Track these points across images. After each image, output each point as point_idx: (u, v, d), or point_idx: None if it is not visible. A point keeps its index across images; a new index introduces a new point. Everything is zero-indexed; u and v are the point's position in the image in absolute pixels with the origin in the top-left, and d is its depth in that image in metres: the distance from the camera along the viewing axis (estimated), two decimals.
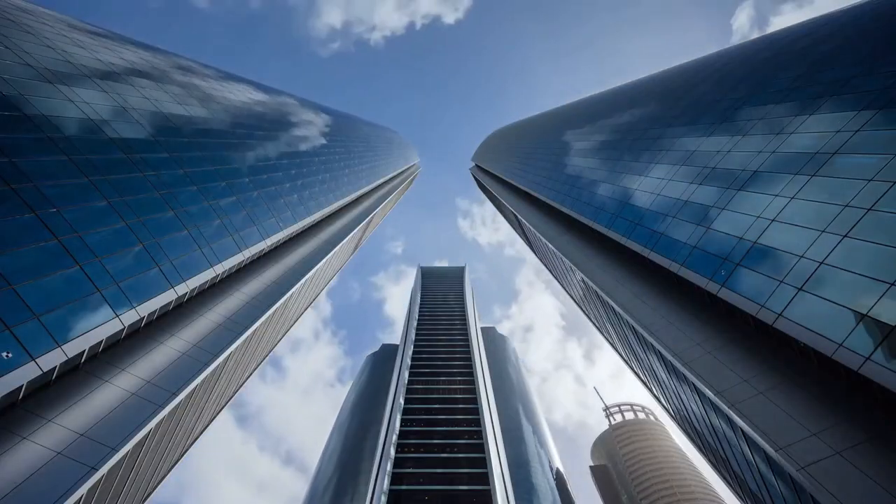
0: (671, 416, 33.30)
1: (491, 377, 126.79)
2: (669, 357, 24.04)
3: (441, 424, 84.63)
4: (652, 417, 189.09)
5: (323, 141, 73.41)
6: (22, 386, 16.02)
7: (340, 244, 52.75)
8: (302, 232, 48.73)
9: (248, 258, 34.41)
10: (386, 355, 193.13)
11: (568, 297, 59.19)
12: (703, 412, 23.75)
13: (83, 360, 19.31)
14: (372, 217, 79.48)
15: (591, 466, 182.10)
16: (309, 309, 54.62)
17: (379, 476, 71.22)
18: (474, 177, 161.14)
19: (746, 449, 19.51)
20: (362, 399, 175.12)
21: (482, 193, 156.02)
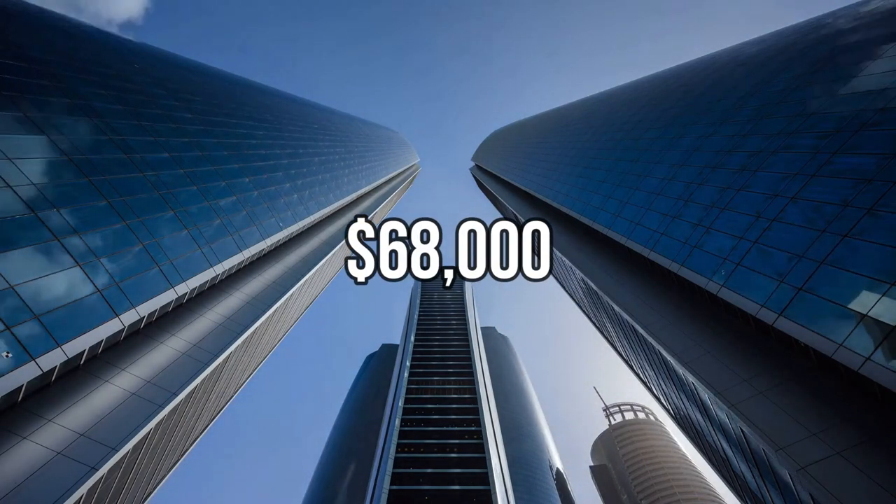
0: (671, 416, 33.30)
1: (491, 377, 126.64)
2: (669, 357, 24.03)
3: (441, 424, 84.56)
4: (652, 417, 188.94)
5: (323, 141, 73.43)
6: (22, 386, 16.02)
7: (340, 244, 52.75)
8: (302, 232, 48.74)
9: (248, 258, 34.42)
10: (386, 355, 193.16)
11: (568, 296, 59.17)
12: (703, 412, 23.75)
13: (83, 360, 19.31)
14: (372, 217, 79.48)
15: (591, 466, 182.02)
16: (309, 308, 54.66)
17: (379, 475, 71.25)
18: (474, 177, 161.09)
19: (746, 449, 19.50)
20: (362, 399, 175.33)
21: (482, 193, 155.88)
